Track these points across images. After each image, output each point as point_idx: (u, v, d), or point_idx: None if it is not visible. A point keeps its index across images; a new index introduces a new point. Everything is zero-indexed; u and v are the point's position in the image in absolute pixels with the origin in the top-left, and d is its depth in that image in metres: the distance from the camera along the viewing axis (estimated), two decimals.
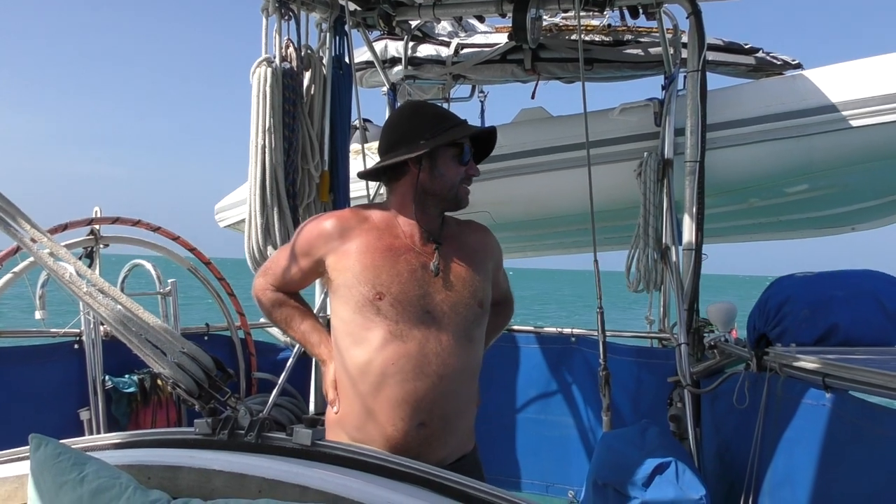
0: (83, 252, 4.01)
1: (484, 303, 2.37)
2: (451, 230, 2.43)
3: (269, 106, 3.87)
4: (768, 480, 3.04)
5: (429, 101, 2.87)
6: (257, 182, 3.89)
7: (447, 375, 2.22)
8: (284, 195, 3.94)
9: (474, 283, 2.34)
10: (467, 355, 2.30)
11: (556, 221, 5.53)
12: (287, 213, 3.94)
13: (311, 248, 2.35)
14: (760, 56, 5.21)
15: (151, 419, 4.18)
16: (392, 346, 2.20)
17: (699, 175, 4.29)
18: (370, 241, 2.28)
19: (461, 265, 2.34)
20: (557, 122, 5.46)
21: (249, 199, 3.94)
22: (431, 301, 2.25)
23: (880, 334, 3.11)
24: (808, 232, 5.82)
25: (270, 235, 3.90)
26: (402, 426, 2.20)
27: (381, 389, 2.21)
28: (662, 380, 4.31)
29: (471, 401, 2.39)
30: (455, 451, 2.34)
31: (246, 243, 3.96)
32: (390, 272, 2.24)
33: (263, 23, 3.99)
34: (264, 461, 1.69)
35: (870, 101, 4.47)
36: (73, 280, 1.85)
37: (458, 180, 2.35)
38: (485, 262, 2.44)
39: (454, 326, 2.26)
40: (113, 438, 1.92)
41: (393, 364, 2.20)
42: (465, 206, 2.40)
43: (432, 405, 2.21)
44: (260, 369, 4.85)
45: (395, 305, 2.21)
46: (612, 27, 5.13)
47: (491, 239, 2.53)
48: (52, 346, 4.02)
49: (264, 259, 3.92)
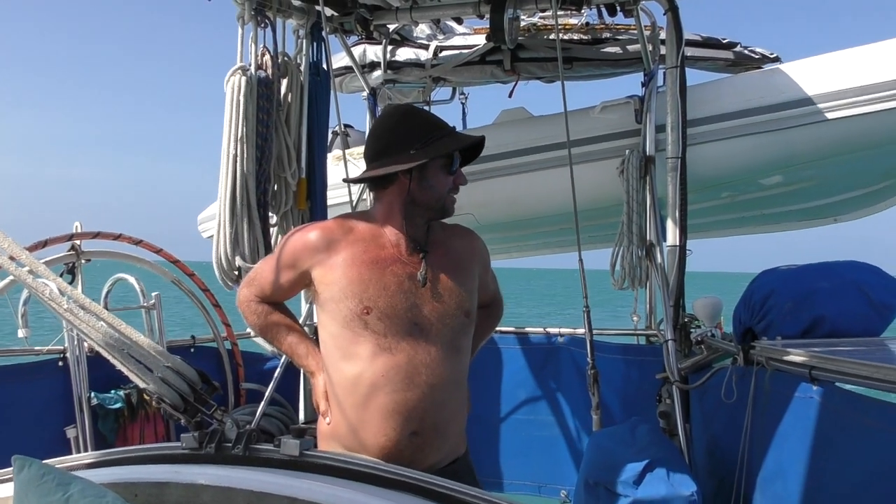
0: (65, 268, 3.98)
1: (470, 312, 2.37)
2: (437, 237, 2.41)
3: (241, 115, 3.84)
4: (758, 474, 3.04)
5: (414, 106, 2.85)
6: (227, 191, 3.85)
7: (437, 385, 2.23)
8: (255, 205, 3.90)
9: (461, 292, 2.34)
10: (455, 365, 2.31)
11: (540, 222, 5.53)
12: (257, 224, 3.90)
13: (296, 260, 2.33)
14: (738, 50, 5.23)
15: (139, 434, 4.15)
16: (381, 358, 2.21)
17: (681, 171, 4.30)
18: (356, 254, 2.27)
19: (448, 274, 2.33)
20: (539, 121, 5.46)
21: (219, 208, 3.90)
22: (419, 313, 2.25)
23: (865, 325, 3.13)
24: (792, 224, 5.84)
25: (239, 246, 3.86)
26: (395, 436, 2.21)
27: (372, 401, 2.22)
28: (651, 377, 4.32)
29: (461, 407, 2.40)
30: (448, 456, 2.35)
31: (214, 253, 3.91)
32: (377, 286, 2.23)
33: (239, 31, 3.97)
34: (252, 473, 1.68)
35: (847, 92, 4.49)
36: (53, 297, 1.83)
37: (446, 190, 2.34)
38: (472, 267, 2.44)
39: (442, 337, 2.27)
40: (98, 456, 1.90)
41: (383, 376, 2.21)
42: (452, 215, 2.40)
43: (423, 414, 2.23)
44: (248, 379, 4.82)
45: (382, 319, 2.21)
46: (590, 25, 5.13)
47: (477, 243, 2.53)
48: (36, 364, 3.98)
49: (232, 269, 3.89)
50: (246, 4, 3.94)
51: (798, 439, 2.77)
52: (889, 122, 4.45)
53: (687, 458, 3.68)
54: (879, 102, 4.42)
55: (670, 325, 4.08)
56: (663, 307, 4.21)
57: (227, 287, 4.05)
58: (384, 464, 1.80)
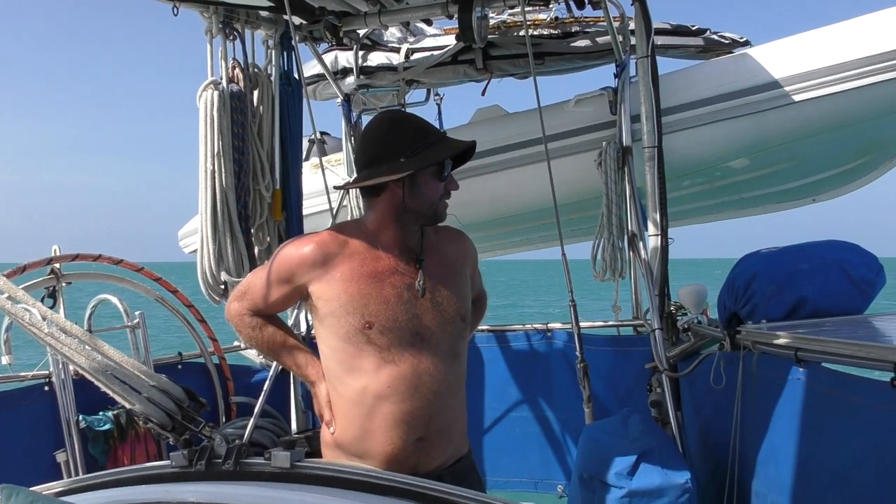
0: (46, 292, 3.94)
1: (466, 316, 2.40)
2: (430, 241, 2.41)
3: (216, 130, 3.83)
4: (751, 458, 3.06)
5: (405, 112, 2.85)
6: (208, 207, 3.85)
7: (440, 392, 2.26)
8: (236, 219, 3.90)
9: (458, 298, 2.36)
10: (455, 370, 2.34)
11: (522, 218, 5.54)
12: (240, 238, 3.90)
13: (291, 274, 2.31)
14: (708, 36, 5.24)
15: (130, 455, 4.12)
16: (385, 370, 2.23)
17: (658, 160, 4.31)
18: (354, 268, 2.26)
19: (444, 281, 2.35)
20: (514, 118, 5.47)
21: (201, 224, 3.89)
22: (420, 323, 2.27)
23: (847, 302, 3.15)
24: (771, 207, 5.88)
25: (223, 261, 3.85)
26: (401, 443, 2.24)
27: (377, 411, 2.24)
28: (640, 367, 4.33)
29: (462, 409, 2.43)
30: (452, 456, 2.38)
31: (199, 269, 3.91)
32: (377, 300, 2.24)
33: (208, 45, 3.95)
34: (243, 488, 1.67)
35: (818, 72, 4.53)
36: (34, 323, 1.82)
37: (437, 197, 2.33)
38: (464, 270, 2.47)
39: (442, 344, 2.29)
40: (88, 479, 1.88)
41: (388, 387, 2.23)
42: (444, 220, 2.39)
43: (429, 421, 2.26)
44: (237, 392, 4.80)
45: (384, 332, 2.22)
46: (560, 20, 5.14)
47: (467, 244, 2.54)
48: (22, 390, 3.93)
49: (218, 284, 3.88)
50: (213, 18, 3.92)
51: (788, 421, 2.78)
52: (860, 99, 4.48)
53: (680, 445, 3.69)
54: (849, 81, 4.46)
55: (657, 314, 4.09)
56: (648, 297, 4.22)
57: (213, 302, 4.03)
58: (376, 471, 1.80)
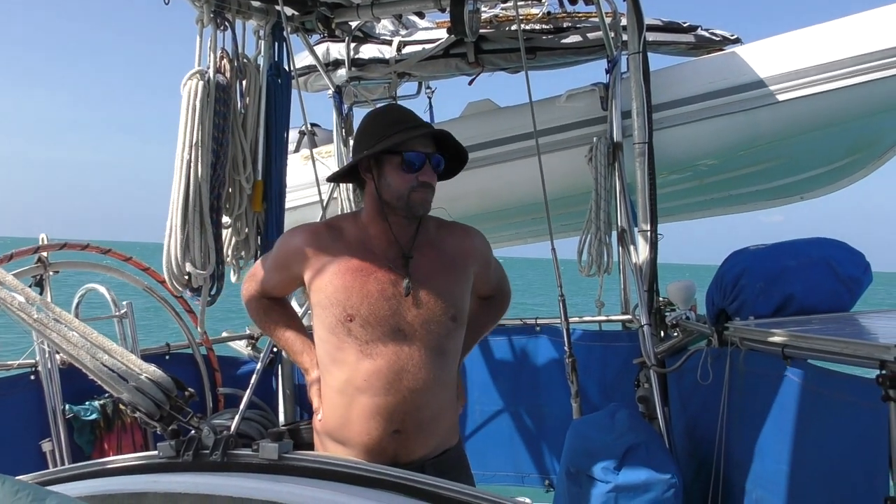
0: (33, 281, 3.92)
1: (458, 316, 2.37)
2: (428, 237, 2.41)
3: (196, 120, 3.80)
4: (737, 454, 3.08)
5: (396, 105, 2.85)
6: (180, 197, 3.80)
7: (419, 389, 2.27)
8: (207, 211, 3.86)
9: (447, 297, 2.33)
10: (440, 368, 2.33)
11: (512, 212, 5.54)
12: (209, 229, 3.86)
13: (287, 262, 2.42)
14: (699, 33, 5.26)
15: (117, 445, 4.10)
16: (364, 364, 2.26)
17: (649, 156, 4.31)
18: (343, 260, 2.31)
19: (435, 279, 2.33)
20: (505, 113, 5.47)
21: (170, 213, 3.84)
22: (403, 319, 2.28)
23: (834, 300, 3.17)
24: (760, 204, 5.91)
25: (189, 251, 3.81)
26: (377, 434, 2.27)
27: (356, 403, 2.28)
28: (628, 362, 4.35)
29: (448, 405, 2.41)
30: (436, 449, 2.39)
31: (164, 258, 3.84)
32: (360, 293, 2.27)
33: (198, 34, 3.92)
34: (231, 479, 1.67)
35: (808, 71, 4.55)
36: (22, 308, 1.80)
37: (406, 189, 2.30)
38: (464, 268, 2.43)
39: (426, 342, 2.29)
40: (75, 469, 1.87)
41: (365, 381, 2.26)
42: (423, 213, 2.35)
43: (405, 415, 2.27)
44: (225, 384, 4.79)
45: (364, 326, 2.26)
46: (552, 15, 5.14)
47: (474, 241, 2.51)
48: (7, 379, 3.91)
49: (182, 275, 3.85)
50: (205, 7, 3.90)
51: (774, 417, 2.80)
52: (849, 98, 4.51)
53: (667, 441, 3.71)
54: (839, 80, 4.49)
55: (645, 310, 4.10)
56: (637, 292, 4.23)
57: (176, 291, 4.02)
58: (364, 463, 1.80)
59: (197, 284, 3.92)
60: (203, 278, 3.88)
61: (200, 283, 3.91)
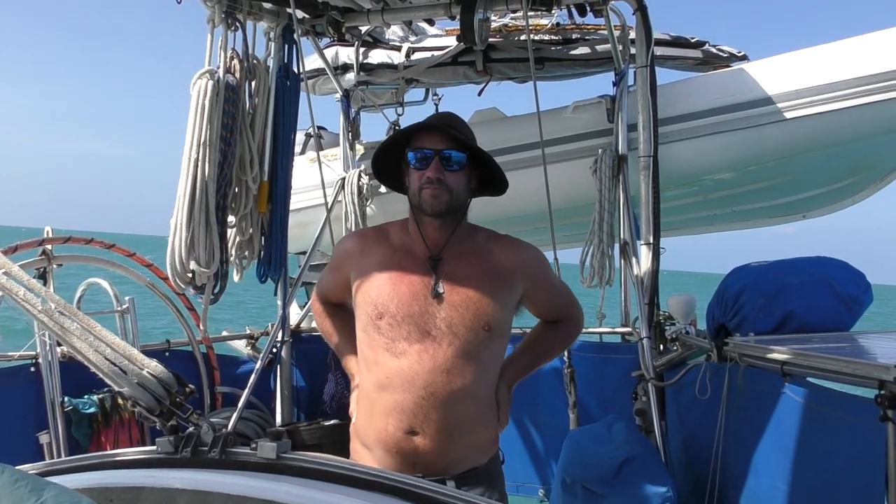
0: (36, 273, 3.93)
1: (493, 326, 2.32)
2: (474, 245, 2.41)
3: (205, 119, 3.80)
4: (733, 470, 3.08)
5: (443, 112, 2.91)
6: (186, 195, 3.80)
7: (440, 392, 2.25)
8: (213, 209, 3.86)
9: (481, 306, 2.30)
10: (470, 376, 2.30)
11: (515, 221, 5.53)
12: (214, 229, 3.85)
13: (339, 264, 2.52)
14: (707, 49, 5.28)
15: (114, 440, 4.11)
16: (390, 362, 2.29)
17: (653, 169, 4.33)
18: (382, 261, 2.37)
19: (469, 286, 2.32)
20: (512, 122, 5.48)
21: (176, 212, 3.84)
22: (431, 321, 2.28)
23: (834, 319, 3.18)
24: (762, 221, 5.92)
25: (194, 250, 3.81)
26: (393, 432, 2.27)
27: (378, 401, 2.31)
28: (627, 374, 4.35)
29: (477, 417, 2.37)
30: (460, 463, 2.35)
31: (168, 256, 3.84)
32: (391, 292, 2.30)
33: (209, 34, 3.94)
34: (229, 477, 1.67)
35: (814, 90, 4.57)
36: (27, 298, 1.81)
37: (417, 187, 2.33)
38: (507, 281, 2.39)
39: (453, 347, 2.27)
40: (73, 461, 1.87)
41: (387, 378, 2.29)
42: (433, 210, 2.34)
43: (424, 417, 2.26)
44: (223, 383, 4.80)
45: (393, 325, 2.28)
46: (561, 26, 5.16)
47: (524, 256, 2.46)
48: (8, 370, 3.92)
49: (186, 273, 3.84)
50: (216, 7, 3.91)
51: (771, 434, 2.80)
52: (854, 118, 4.52)
53: (663, 454, 3.71)
54: (845, 100, 4.50)
55: (645, 323, 4.11)
56: (638, 305, 4.24)
57: (178, 289, 4.02)
58: (362, 465, 1.80)
59: (200, 283, 3.92)
60: (207, 277, 3.89)
61: (204, 281, 3.91)
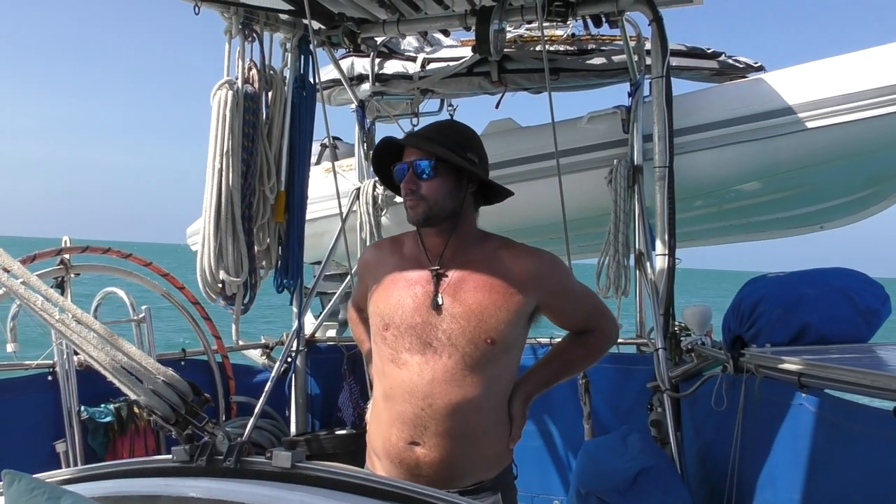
0: (54, 282, 3.96)
1: (496, 339, 2.27)
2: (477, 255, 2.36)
3: (227, 129, 3.85)
4: (749, 482, 3.05)
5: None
6: (212, 205, 3.85)
7: (437, 403, 2.24)
8: (240, 219, 3.90)
9: (483, 318, 2.26)
10: (471, 387, 2.26)
11: (530, 232, 5.53)
12: (241, 237, 3.90)
13: (362, 275, 2.58)
14: (723, 60, 5.27)
15: (129, 448, 4.13)
16: (395, 373, 2.30)
17: (668, 180, 4.32)
18: (393, 272, 2.38)
19: (472, 297, 2.28)
20: (526, 132, 5.49)
21: (204, 221, 3.89)
22: (433, 332, 2.27)
23: (852, 330, 3.15)
24: (778, 232, 5.89)
25: (223, 259, 3.84)
26: (395, 442, 2.28)
27: (384, 410, 2.34)
28: (642, 385, 4.33)
29: (483, 431, 2.34)
30: (467, 476, 2.33)
31: (198, 267, 3.88)
32: (396, 303, 2.31)
33: (227, 45, 3.98)
34: (244, 486, 1.67)
35: (831, 101, 4.54)
36: (45, 308, 1.82)
37: (403, 200, 2.35)
38: (514, 294, 2.30)
39: (453, 359, 2.25)
40: (89, 470, 1.88)
41: (391, 388, 2.31)
42: (413, 221, 2.33)
43: (424, 428, 2.25)
44: (238, 392, 4.82)
45: (397, 336, 2.29)
46: (576, 37, 5.17)
47: (538, 266, 2.36)
48: (26, 378, 3.95)
49: (216, 283, 3.88)
50: (233, 19, 3.95)
51: (788, 446, 2.78)
52: (872, 129, 4.49)
53: (678, 466, 3.68)
54: (862, 111, 4.47)
55: (660, 334, 4.09)
56: (653, 316, 4.22)
57: (210, 300, 4.05)
58: (377, 475, 1.80)
59: (231, 292, 3.96)
60: (237, 286, 3.93)
61: (234, 290, 3.95)
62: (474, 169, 2.33)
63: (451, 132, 2.40)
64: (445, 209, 2.32)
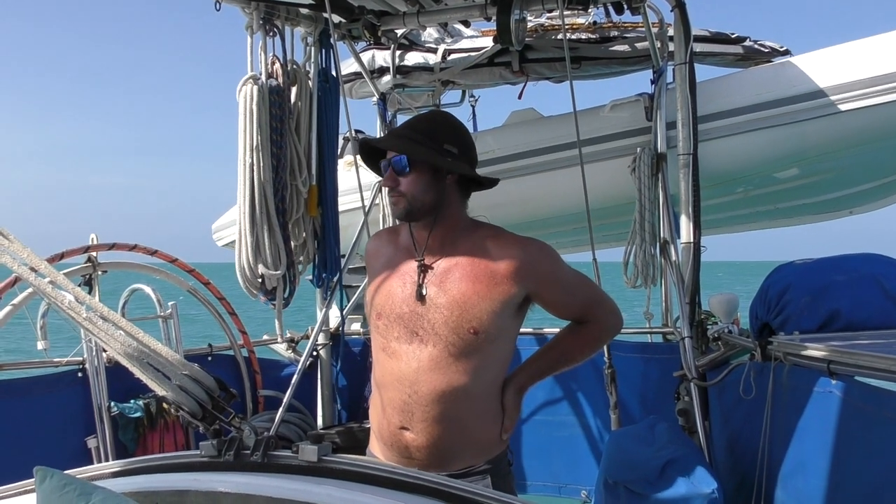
0: (82, 280, 4.01)
1: (480, 329, 2.27)
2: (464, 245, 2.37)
3: (255, 124, 3.87)
4: (779, 470, 3.03)
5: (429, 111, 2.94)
6: (246, 200, 3.88)
7: (422, 391, 2.30)
8: (274, 212, 3.93)
9: (466, 308, 2.28)
10: (457, 375, 2.29)
11: (553, 222, 5.52)
12: (277, 231, 3.93)
13: (367, 265, 2.61)
14: (748, 45, 5.21)
15: (159, 443, 4.18)
16: (386, 362, 2.38)
17: (693, 167, 4.28)
18: (387, 262, 2.45)
19: (455, 287, 2.31)
20: (549, 122, 5.46)
21: (239, 217, 3.93)
22: (419, 322, 2.32)
23: (882, 317, 3.10)
24: (807, 218, 5.82)
25: (261, 254, 3.88)
26: (387, 427, 2.37)
27: (377, 398, 2.44)
28: (668, 375, 4.29)
29: (472, 419, 2.36)
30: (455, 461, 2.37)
31: (237, 263, 3.94)
32: (386, 293, 2.39)
33: (248, 40, 3.99)
34: (271, 480, 1.68)
35: (858, 84, 4.48)
36: (72, 307, 1.84)
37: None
38: (499, 284, 2.30)
39: (437, 348, 2.30)
40: (119, 465, 1.91)
41: (382, 376, 2.39)
42: (395, 216, 2.40)
43: (411, 414, 2.32)
44: (265, 386, 4.85)
45: (388, 325, 2.36)
46: (598, 24, 5.13)
47: (526, 256, 2.34)
48: (56, 375, 4.01)
49: (255, 278, 3.92)
50: (254, 14, 3.96)
51: (818, 434, 2.75)
52: None
53: (707, 455, 3.66)
54: (891, 93, 4.40)
55: (686, 323, 4.06)
56: (679, 304, 4.19)
57: (251, 295, 4.07)
58: (402, 468, 1.80)
59: (270, 286, 3.99)
60: (276, 279, 3.96)
61: (274, 283, 3.99)
62: (445, 161, 2.34)
63: (428, 125, 2.42)
64: (426, 203, 2.34)
